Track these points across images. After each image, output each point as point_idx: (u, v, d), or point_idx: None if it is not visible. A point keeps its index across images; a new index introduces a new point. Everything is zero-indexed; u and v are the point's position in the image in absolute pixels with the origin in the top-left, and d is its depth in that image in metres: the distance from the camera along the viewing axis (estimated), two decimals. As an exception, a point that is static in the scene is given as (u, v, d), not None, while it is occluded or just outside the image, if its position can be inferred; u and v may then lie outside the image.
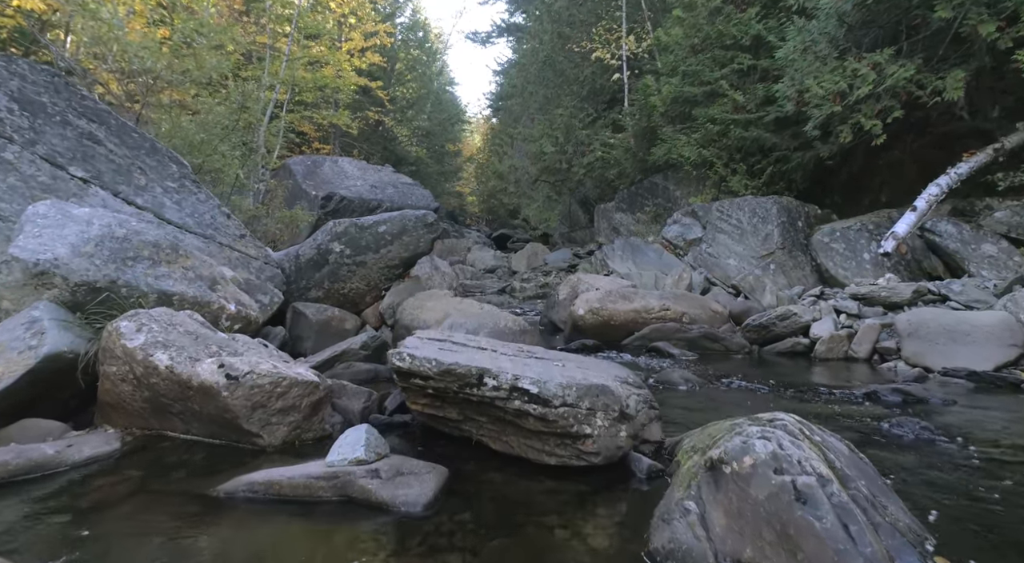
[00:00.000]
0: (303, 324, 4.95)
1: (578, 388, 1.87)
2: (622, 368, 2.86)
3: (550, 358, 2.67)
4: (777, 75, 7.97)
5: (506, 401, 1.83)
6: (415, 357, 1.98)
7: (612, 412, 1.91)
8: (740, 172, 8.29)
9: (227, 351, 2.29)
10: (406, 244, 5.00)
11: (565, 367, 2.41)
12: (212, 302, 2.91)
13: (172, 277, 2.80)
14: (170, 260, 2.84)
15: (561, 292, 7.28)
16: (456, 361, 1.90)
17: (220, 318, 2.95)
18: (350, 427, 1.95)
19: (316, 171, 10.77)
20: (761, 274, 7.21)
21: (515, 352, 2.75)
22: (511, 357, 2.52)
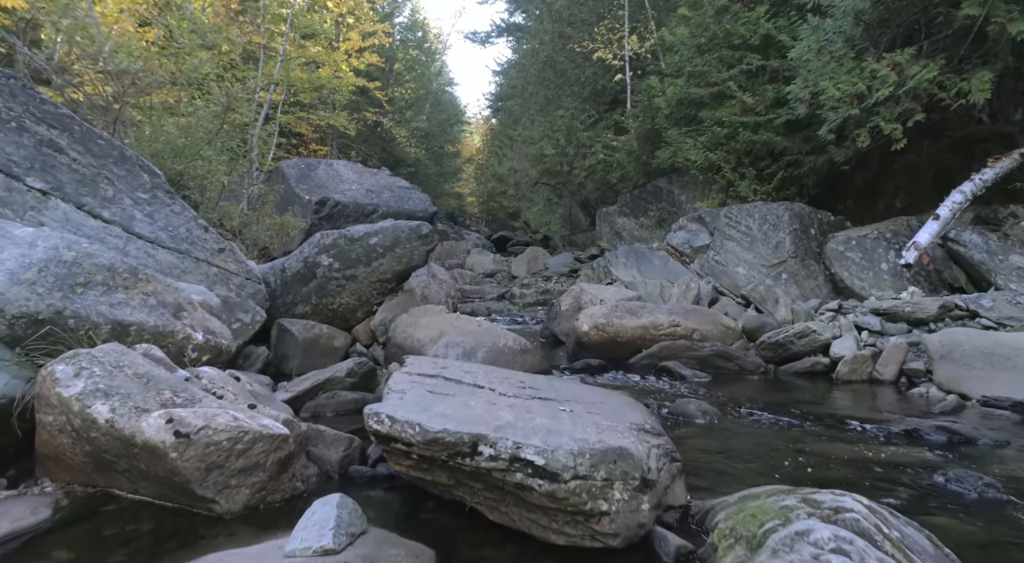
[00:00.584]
0: (289, 342, 4.63)
1: (592, 454, 1.56)
2: (636, 406, 2.55)
3: (556, 398, 2.35)
4: (788, 76, 7.66)
5: (505, 472, 1.52)
6: (395, 420, 1.66)
7: (632, 481, 1.59)
8: (749, 177, 7.98)
9: (182, 398, 1.97)
10: (399, 257, 4.68)
11: (573, 413, 2.10)
12: (176, 332, 2.60)
13: (130, 305, 2.49)
14: (128, 285, 2.52)
15: (563, 303, 6.97)
16: (445, 428, 1.58)
17: (185, 349, 2.63)
18: (319, 501, 1.63)
19: (310, 174, 10.45)
20: (772, 284, 6.89)
21: (516, 390, 2.44)
22: (511, 400, 2.20)
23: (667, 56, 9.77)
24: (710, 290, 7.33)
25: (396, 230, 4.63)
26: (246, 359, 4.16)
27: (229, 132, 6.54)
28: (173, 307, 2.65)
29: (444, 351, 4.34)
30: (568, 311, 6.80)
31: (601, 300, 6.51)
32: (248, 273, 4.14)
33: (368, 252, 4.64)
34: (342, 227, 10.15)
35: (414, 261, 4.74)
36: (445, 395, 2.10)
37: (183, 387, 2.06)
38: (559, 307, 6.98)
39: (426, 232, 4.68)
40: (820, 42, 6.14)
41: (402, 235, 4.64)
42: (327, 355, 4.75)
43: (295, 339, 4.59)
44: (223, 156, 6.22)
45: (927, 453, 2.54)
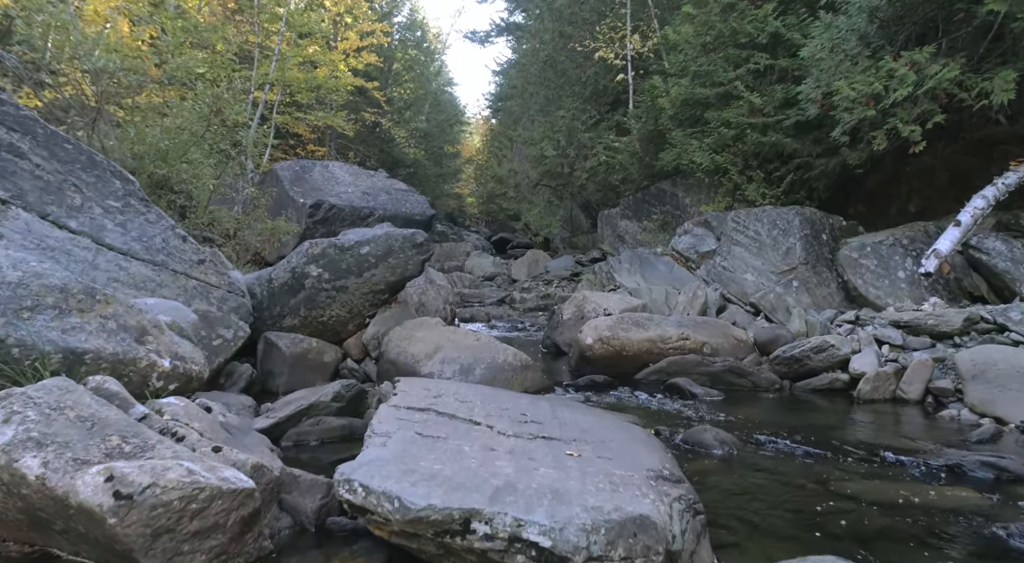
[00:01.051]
0: (276, 357, 4.37)
1: (608, 528, 1.29)
2: (650, 442, 2.29)
3: (561, 437, 2.09)
4: (797, 75, 7.40)
5: (504, 554, 1.26)
6: (370, 491, 1.40)
7: (656, 556, 1.33)
8: (757, 180, 7.72)
9: (132, 444, 1.71)
10: (392, 267, 4.42)
11: (582, 458, 1.83)
12: (139, 359, 2.33)
13: (85, 330, 2.22)
14: (83, 308, 2.26)
15: (565, 311, 6.71)
16: (430, 503, 1.32)
17: (149, 378, 2.37)
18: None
19: (305, 177, 10.19)
20: (783, 292, 6.63)
21: (517, 427, 2.17)
22: (511, 442, 1.94)
23: (671, 55, 9.52)
24: (717, 297, 7.06)
25: (389, 239, 4.37)
26: (228, 377, 3.90)
27: (218, 133, 6.27)
28: (136, 331, 2.38)
29: (440, 368, 4.07)
30: (570, 320, 6.54)
31: (605, 309, 6.24)
32: (230, 285, 3.88)
33: (359, 262, 4.38)
34: (337, 231, 9.90)
35: (408, 271, 4.48)
36: (436, 439, 1.84)
37: (135, 431, 1.79)
38: (561, 316, 6.72)
39: (421, 241, 4.42)
40: (833, 40, 5.88)
41: (395, 244, 4.38)
42: (316, 371, 4.49)
43: (282, 354, 4.33)
44: (211, 159, 5.96)
45: (975, 496, 2.27)
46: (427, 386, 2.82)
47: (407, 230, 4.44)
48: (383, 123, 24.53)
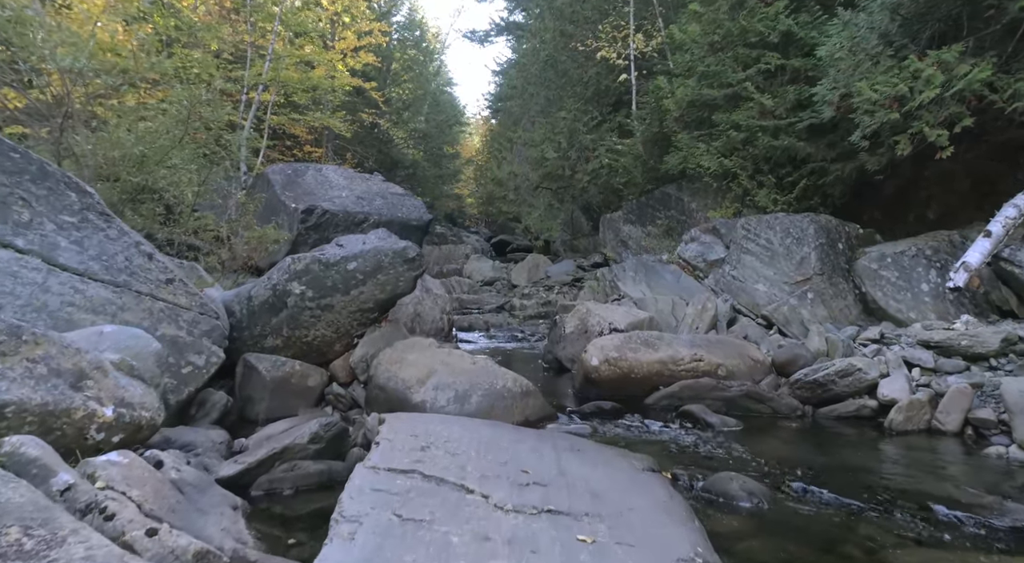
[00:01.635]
0: (255, 382, 4.03)
1: None
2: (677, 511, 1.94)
3: (570, 510, 1.75)
4: (811, 76, 7.06)
5: None
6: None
7: None
8: (768, 185, 7.37)
9: (33, 541, 1.36)
10: (382, 284, 4.08)
11: (597, 545, 1.49)
12: (73, 409, 1.99)
13: (7, 377, 1.88)
14: (5, 351, 1.92)
15: (568, 325, 6.37)
16: None
17: (87, 430, 2.02)
18: None
19: (297, 180, 9.85)
20: (797, 304, 6.29)
21: (518, 496, 1.83)
22: (511, 521, 1.59)
23: (677, 55, 9.18)
24: (727, 309, 6.72)
25: (378, 254, 4.03)
26: (200, 407, 3.56)
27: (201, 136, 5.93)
28: (72, 375, 2.04)
29: (433, 395, 3.73)
30: (573, 334, 6.21)
31: (610, 323, 5.90)
32: (203, 306, 3.54)
33: (346, 279, 4.03)
34: (331, 237, 9.54)
35: (400, 288, 4.13)
36: (418, 524, 1.50)
37: (44, 516, 1.45)
38: (563, 329, 6.38)
39: (412, 256, 4.08)
40: (852, 39, 5.54)
41: (385, 259, 4.03)
42: (299, 396, 4.15)
43: (262, 379, 3.99)
44: (193, 164, 5.61)
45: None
46: (415, 430, 2.48)
47: (398, 244, 4.10)
48: (381, 124, 24.22)
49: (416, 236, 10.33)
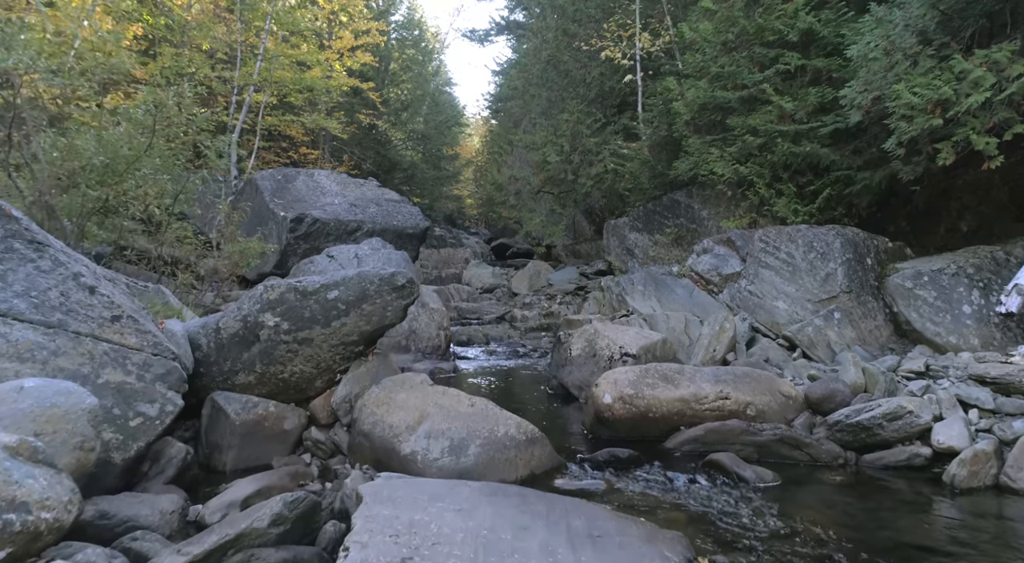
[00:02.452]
0: (223, 426, 3.54)
1: None
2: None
3: None
4: (836, 78, 6.58)
5: None
6: None
7: None
8: (788, 194, 6.89)
9: None
10: (367, 315, 3.59)
11: None
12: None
13: None
14: None
15: (574, 346, 5.88)
16: None
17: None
18: None
19: (287, 187, 9.36)
20: (823, 325, 5.80)
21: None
22: None
23: (687, 54, 8.69)
24: (746, 329, 6.24)
25: (362, 282, 3.53)
26: (153, 463, 3.07)
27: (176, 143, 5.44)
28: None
29: (425, 445, 3.24)
30: (580, 357, 5.72)
31: (621, 348, 5.41)
32: (157, 346, 3.04)
33: (326, 309, 3.54)
34: (322, 247, 9.06)
35: (387, 319, 3.64)
36: None
37: None
38: (569, 350, 5.89)
39: (402, 283, 3.59)
40: (887, 37, 5.04)
41: (370, 288, 3.54)
42: (274, 441, 3.66)
43: (230, 423, 3.50)
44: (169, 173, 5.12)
45: None
46: (395, 526, 1.98)
47: (384, 270, 3.61)
48: (379, 125, 23.75)
49: (412, 245, 9.85)
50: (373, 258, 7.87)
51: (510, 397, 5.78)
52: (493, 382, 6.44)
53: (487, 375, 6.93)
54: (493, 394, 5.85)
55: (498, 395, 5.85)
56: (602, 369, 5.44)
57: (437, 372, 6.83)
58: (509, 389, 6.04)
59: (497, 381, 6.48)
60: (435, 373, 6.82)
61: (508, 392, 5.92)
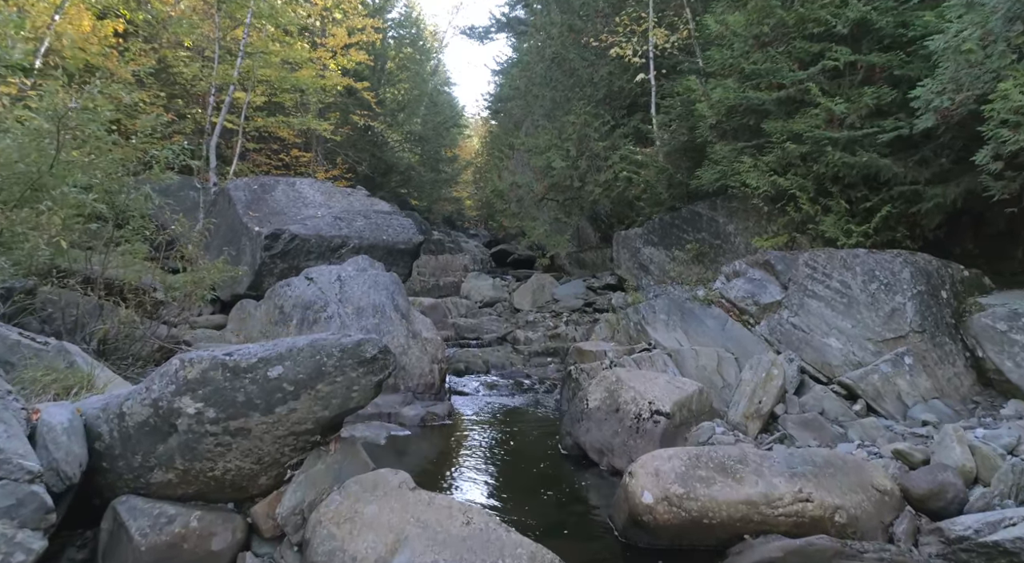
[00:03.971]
0: (126, 551, 2.57)
1: None
2: None
3: None
4: (897, 75, 5.61)
5: None
6: None
7: None
8: (837, 211, 5.92)
9: None
10: (324, 398, 2.62)
11: None
12: None
13: None
14: None
15: (591, 396, 4.91)
16: None
17: None
18: None
19: (264, 198, 8.39)
20: (891, 372, 4.83)
21: None
22: None
23: (713, 50, 7.72)
24: (795, 372, 5.27)
25: (317, 354, 2.56)
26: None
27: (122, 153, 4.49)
28: None
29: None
30: (600, 411, 4.75)
31: (651, 403, 4.44)
32: (15, 467, 2.07)
33: (267, 392, 2.57)
34: (302, 266, 8.04)
35: (353, 401, 2.68)
36: None
37: None
38: (585, 401, 4.92)
39: (372, 354, 2.62)
40: (984, 23, 4.08)
41: (328, 362, 2.57)
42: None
43: (134, 547, 2.53)
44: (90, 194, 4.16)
45: None
46: None
47: (348, 339, 2.63)
48: (375, 126, 22.82)
49: (404, 262, 8.88)
50: (358, 281, 6.90)
51: (515, 460, 4.80)
52: (494, 434, 5.47)
53: (488, 422, 5.96)
54: (495, 455, 4.88)
55: (501, 456, 4.88)
56: (628, 430, 4.48)
57: (429, 418, 5.87)
58: (514, 447, 5.07)
59: (499, 433, 5.51)
60: (427, 420, 5.86)
61: (513, 452, 4.94)
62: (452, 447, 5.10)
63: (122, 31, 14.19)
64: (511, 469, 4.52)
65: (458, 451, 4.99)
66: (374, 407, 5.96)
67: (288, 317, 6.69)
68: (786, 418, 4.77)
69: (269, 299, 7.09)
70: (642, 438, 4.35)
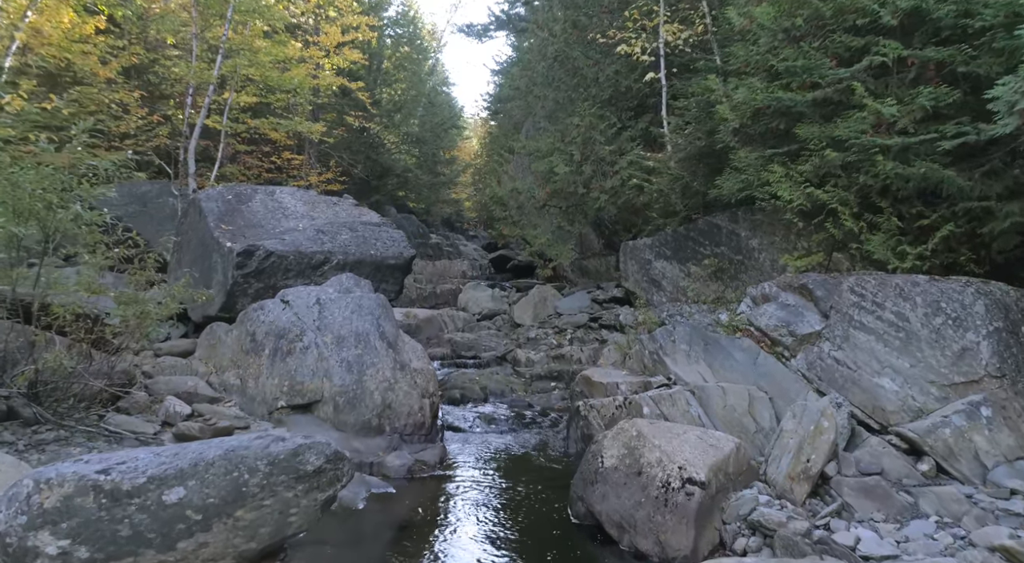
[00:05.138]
0: None
1: None
2: None
3: None
4: (962, 73, 4.84)
5: None
6: None
7: None
8: (887, 230, 5.14)
9: None
10: (247, 527, 1.83)
11: None
12: None
13: None
14: None
15: (607, 452, 4.15)
16: None
17: None
18: None
19: (240, 208, 7.61)
20: (966, 425, 4.06)
21: None
22: None
23: (736, 46, 6.95)
24: (845, 420, 4.49)
25: (234, 468, 1.75)
26: None
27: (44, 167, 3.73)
28: None
29: None
30: (618, 473, 3.99)
31: (681, 469, 3.68)
32: None
33: (163, 522, 1.79)
34: (279, 285, 7.19)
35: (292, 527, 1.90)
36: None
37: None
38: (600, 459, 4.15)
39: (315, 466, 1.82)
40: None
41: (251, 481, 1.76)
42: None
43: None
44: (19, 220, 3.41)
45: None
46: None
47: (277, 447, 1.84)
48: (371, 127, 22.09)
49: (395, 278, 8.11)
50: (339, 305, 6.13)
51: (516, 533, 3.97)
52: (492, 492, 4.68)
53: (485, 472, 5.17)
54: (491, 525, 4.09)
55: (498, 526, 4.09)
56: (653, 501, 3.70)
57: (417, 469, 5.08)
58: (514, 513, 4.27)
59: (497, 490, 4.71)
60: (415, 470, 5.07)
61: (513, 521, 4.13)
62: (441, 511, 4.32)
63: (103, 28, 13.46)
64: (510, 547, 3.74)
65: (447, 517, 4.21)
66: (353, 456, 5.13)
67: (260, 346, 5.92)
68: (841, 481, 3.99)
69: (241, 324, 6.32)
70: (672, 513, 3.58)
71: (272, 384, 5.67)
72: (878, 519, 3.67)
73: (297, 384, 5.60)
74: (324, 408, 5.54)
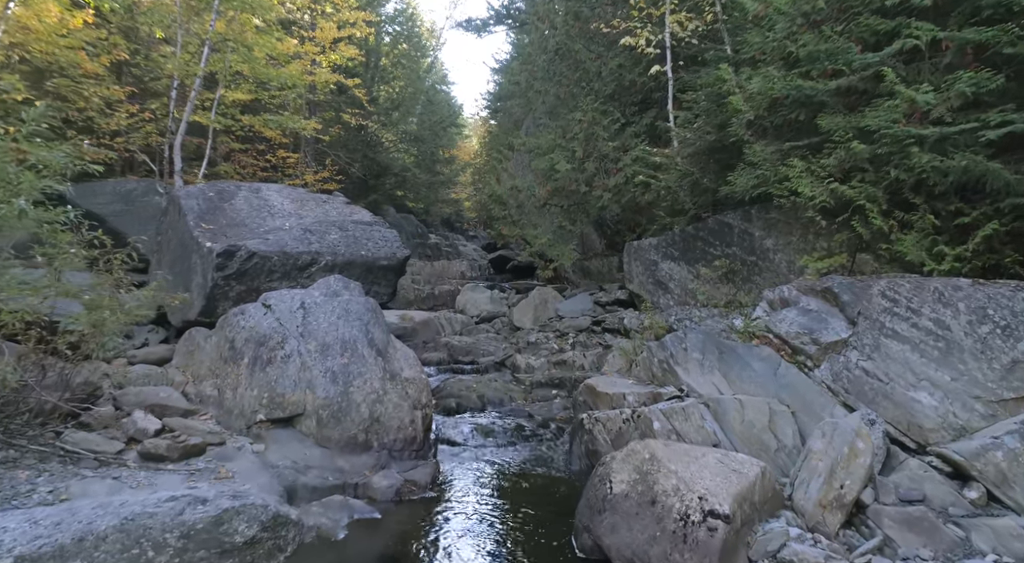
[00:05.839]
0: None
1: None
2: None
3: None
4: (994, 56, 4.40)
5: None
6: None
7: None
8: (921, 228, 4.69)
9: None
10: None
11: None
12: None
13: None
14: None
15: (616, 478, 3.70)
16: None
17: None
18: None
19: (222, 207, 7.16)
20: (1021, 447, 3.61)
21: None
22: None
23: (750, 33, 6.51)
24: (880, 440, 4.04)
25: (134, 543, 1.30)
26: None
27: None
28: None
29: None
30: (629, 501, 3.53)
31: (701, 499, 3.23)
32: None
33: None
34: (262, 288, 6.78)
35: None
36: None
37: None
38: (609, 485, 3.70)
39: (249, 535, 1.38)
40: None
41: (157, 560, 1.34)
42: None
43: None
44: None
45: None
46: None
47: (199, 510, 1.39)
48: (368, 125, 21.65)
49: (387, 280, 7.66)
50: (325, 309, 5.68)
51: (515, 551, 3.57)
52: (488, 519, 4.22)
53: (481, 495, 4.72)
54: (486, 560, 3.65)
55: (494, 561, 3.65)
56: (670, 537, 3.25)
57: (406, 491, 4.62)
58: (513, 546, 3.82)
59: (494, 516, 4.26)
60: (404, 492, 4.60)
61: (513, 559, 3.68)
62: (431, 543, 3.87)
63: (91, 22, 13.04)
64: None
65: (436, 550, 3.76)
66: (337, 476, 4.72)
67: (239, 354, 5.46)
68: (880, 511, 3.55)
69: (220, 330, 5.87)
70: (692, 552, 3.13)
71: (251, 395, 5.22)
72: (925, 556, 3.23)
73: (278, 396, 5.15)
74: (306, 422, 5.09)
